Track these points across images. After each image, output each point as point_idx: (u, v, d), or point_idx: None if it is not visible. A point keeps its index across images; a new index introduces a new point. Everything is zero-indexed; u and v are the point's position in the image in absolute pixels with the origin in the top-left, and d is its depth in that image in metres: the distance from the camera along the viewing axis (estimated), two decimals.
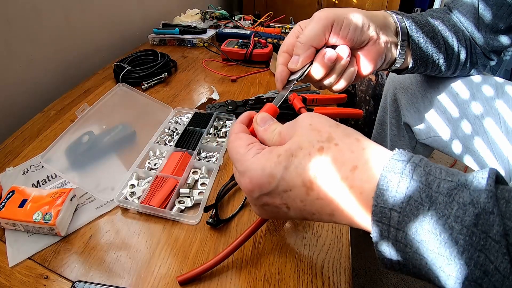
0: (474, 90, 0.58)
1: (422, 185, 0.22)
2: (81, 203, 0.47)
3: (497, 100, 0.56)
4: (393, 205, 0.22)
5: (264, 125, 0.32)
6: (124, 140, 0.56)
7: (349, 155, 0.25)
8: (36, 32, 0.75)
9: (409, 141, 0.78)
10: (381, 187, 0.23)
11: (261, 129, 0.32)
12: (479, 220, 0.19)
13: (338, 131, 0.27)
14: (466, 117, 0.59)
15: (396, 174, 0.23)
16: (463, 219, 0.20)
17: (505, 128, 0.54)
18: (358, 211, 0.24)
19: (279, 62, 0.42)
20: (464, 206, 0.20)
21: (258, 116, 0.33)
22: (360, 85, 1.25)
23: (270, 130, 0.31)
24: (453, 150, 0.63)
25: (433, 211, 0.21)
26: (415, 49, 0.48)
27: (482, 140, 0.57)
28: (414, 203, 0.21)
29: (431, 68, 0.53)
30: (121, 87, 0.57)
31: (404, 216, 0.22)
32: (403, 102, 0.70)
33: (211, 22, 1.20)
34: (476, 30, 0.53)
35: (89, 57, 0.93)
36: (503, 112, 0.54)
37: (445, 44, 0.52)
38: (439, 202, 0.21)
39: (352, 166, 0.24)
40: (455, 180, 0.21)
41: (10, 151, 0.58)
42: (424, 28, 0.49)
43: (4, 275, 0.38)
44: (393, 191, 0.22)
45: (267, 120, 0.32)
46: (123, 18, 1.07)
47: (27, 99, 0.75)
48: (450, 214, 0.20)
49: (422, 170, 0.22)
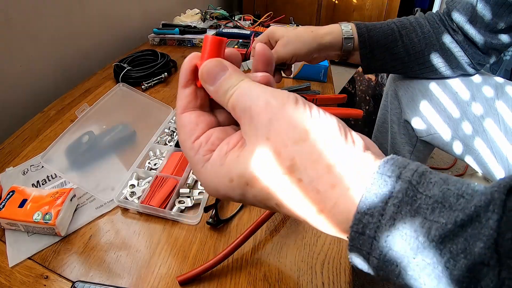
0: (474, 89, 0.58)
1: (407, 235, 0.17)
2: (81, 203, 0.47)
3: (497, 100, 0.56)
4: (371, 251, 0.19)
5: (214, 82, 0.23)
6: (124, 140, 0.56)
7: (314, 196, 0.20)
8: (36, 32, 0.75)
9: (410, 139, 0.78)
10: (354, 235, 0.19)
11: (212, 90, 0.23)
12: (471, 272, 0.16)
13: (304, 154, 0.20)
14: (466, 116, 0.59)
15: (374, 218, 0.18)
16: (452, 272, 0.17)
17: (504, 127, 0.54)
18: (333, 233, 0.21)
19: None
20: (456, 256, 0.16)
21: (203, 69, 0.23)
22: (360, 85, 1.25)
23: (222, 90, 0.23)
24: (453, 149, 0.63)
25: (420, 259, 0.17)
26: (363, 33, 0.58)
27: (482, 139, 0.57)
28: (396, 254, 0.18)
29: (392, 64, 0.60)
30: (121, 87, 0.57)
31: (384, 262, 0.18)
32: (404, 99, 0.70)
33: (211, 22, 1.20)
34: (472, 28, 0.54)
35: (89, 57, 0.93)
36: (502, 112, 0.55)
37: (405, 43, 0.59)
38: (428, 251, 0.17)
39: (318, 209, 0.20)
40: (451, 221, 0.17)
41: (10, 151, 0.58)
42: (379, 30, 0.59)
43: (4, 275, 0.38)
44: (369, 238, 0.18)
45: (216, 73, 0.23)
46: (123, 18, 1.07)
47: (27, 99, 0.75)
48: (439, 263, 0.17)
49: (409, 210, 0.18)
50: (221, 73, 0.23)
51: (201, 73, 0.23)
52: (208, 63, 0.23)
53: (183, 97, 0.25)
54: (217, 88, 0.23)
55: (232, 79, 0.23)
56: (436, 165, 1.42)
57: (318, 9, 2.16)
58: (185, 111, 0.24)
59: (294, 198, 0.20)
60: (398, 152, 0.81)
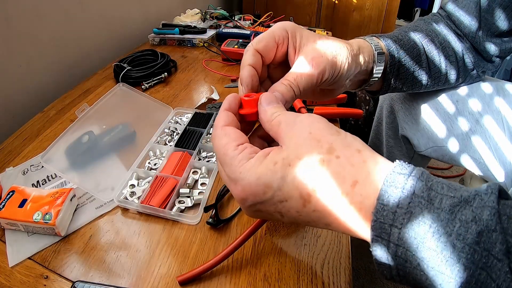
0: (473, 92, 0.58)
1: (424, 201, 0.21)
2: (81, 203, 0.47)
3: (497, 100, 0.55)
4: (394, 221, 0.22)
5: (268, 105, 0.29)
6: (124, 140, 0.56)
7: (350, 169, 0.24)
8: (36, 32, 0.75)
9: (407, 152, 0.77)
10: (381, 202, 0.22)
11: (264, 109, 0.29)
12: (482, 238, 0.19)
13: (339, 140, 0.25)
14: (466, 119, 0.58)
15: (397, 189, 0.22)
16: (465, 237, 0.19)
17: (508, 132, 0.54)
18: (357, 225, 0.24)
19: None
20: (467, 224, 0.20)
21: (266, 94, 0.30)
22: None
23: (270, 112, 0.29)
24: (452, 157, 0.62)
25: (435, 228, 0.20)
26: (393, 63, 0.46)
27: (482, 143, 0.57)
28: (415, 219, 0.21)
29: (411, 86, 0.51)
30: (121, 87, 0.57)
31: (404, 232, 0.21)
32: (401, 114, 0.68)
33: (211, 22, 1.20)
34: (476, 31, 0.52)
35: (89, 57, 0.93)
36: (503, 112, 0.54)
37: (429, 62, 0.50)
38: (441, 219, 0.20)
39: (352, 181, 0.23)
40: (458, 196, 0.21)
41: (10, 151, 0.58)
42: (405, 46, 0.48)
43: (4, 275, 0.38)
44: (393, 206, 0.22)
45: (271, 100, 0.30)
46: (123, 18, 1.07)
47: (27, 99, 0.75)
48: (452, 231, 0.20)
49: (424, 185, 0.22)
50: (275, 101, 0.30)
51: (263, 96, 0.30)
52: (267, 95, 0.31)
53: (226, 116, 0.30)
54: (269, 108, 0.29)
55: (280, 108, 0.29)
56: (436, 165, 1.42)
57: (318, 9, 2.16)
58: (228, 125, 0.29)
59: (333, 174, 0.24)
60: None
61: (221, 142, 0.27)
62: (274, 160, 0.25)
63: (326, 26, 2.13)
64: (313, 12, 2.18)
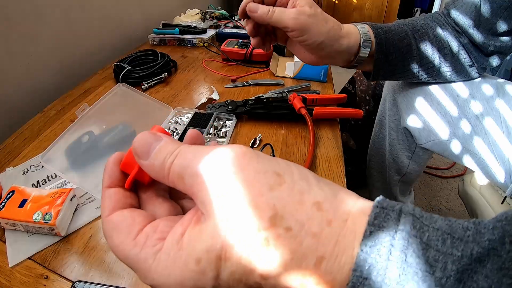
0: (474, 90, 0.58)
1: (421, 272, 0.15)
2: (81, 203, 0.47)
3: (498, 100, 0.55)
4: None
5: (149, 155, 0.20)
6: (124, 140, 0.56)
7: (309, 241, 0.16)
8: (36, 32, 0.75)
9: (409, 145, 0.77)
10: (358, 275, 0.16)
11: (147, 164, 0.20)
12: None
13: (284, 197, 0.17)
14: (467, 119, 0.58)
15: (381, 257, 0.16)
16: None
17: (506, 128, 0.54)
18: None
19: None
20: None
21: (135, 142, 0.20)
22: (360, 85, 1.25)
23: (159, 161, 0.19)
24: (453, 153, 0.63)
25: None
26: (380, 35, 0.51)
27: (482, 141, 0.57)
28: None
29: (402, 74, 0.55)
30: (121, 87, 0.57)
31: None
32: (403, 106, 0.69)
33: (211, 22, 1.20)
34: (476, 30, 0.53)
35: (89, 57, 0.93)
36: (503, 112, 0.54)
37: (420, 53, 0.54)
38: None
39: (316, 258, 0.16)
40: (467, 254, 0.15)
41: (10, 151, 0.58)
42: (395, 36, 0.53)
43: (4, 275, 0.38)
44: (377, 282, 0.16)
45: (150, 144, 0.20)
46: (123, 18, 1.07)
47: (27, 99, 0.75)
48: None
49: (419, 244, 0.16)
50: (155, 143, 0.20)
51: (134, 148, 0.20)
52: (140, 135, 0.20)
53: (108, 197, 0.21)
54: (152, 161, 0.19)
55: (168, 146, 0.19)
56: (436, 165, 1.42)
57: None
58: (113, 212, 0.20)
59: (287, 255, 0.16)
60: (397, 158, 0.81)
61: (112, 242, 0.19)
62: (195, 255, 0.17)
63: None
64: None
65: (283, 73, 0.86)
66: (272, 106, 0.65)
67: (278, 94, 0.73)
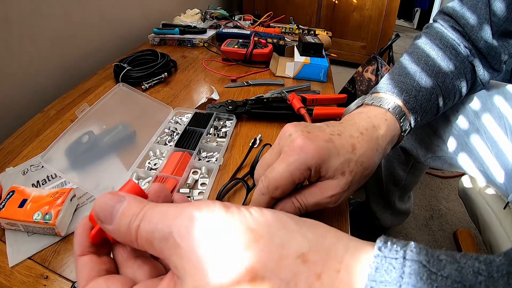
0: (474, 94, 0.57)
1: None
2: (81, 203, 0.47)
3: (499, 103, 0.55)
4: None
5: (112, 219, 0.18)
6: (124, 140, 0.56)
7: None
8: (36, 32, 0.75)
9: (405, 160, 0.76)
10: None
11: (112, 229, 0.19)
12: None
13: (263, 254, 0.16)
14: (466, 120, 0.58)
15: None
16: None
17: (508, 132, 0.53)
18: None
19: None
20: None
21: (95, 207, 0.19)
22: (360, 85, 1.25)
23: (124, 225, 0.18)
24: (453, 165, 0.62)
25: None
26: (415, 106, 0.45)
27: (482, 142, 0.57)
28: None
29: (431, 117, 0.49)
30: (121, 87, 0.57)
31: None
32: None
33: (211, 22, 1.20)
34: (486, 31, 0.48)
35: (89, 57, 0.93)
36: (505, 115, 0.54)
37: (445, 101, 0.48)
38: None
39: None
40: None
41: (10, 151, 0.58)
42: (423, 106, 0.45)
43: (4, 275, 0.38)
44: None
45: (112, 207, 0.19)
46: (123, 18, 1.07)
47: (27, 99, 0.75)
48: None
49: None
50: (118, 205, 0.18)
51: (95, 212, 0.19)
52: (100, 197, 0.19)
53: (82, 266, 0.19)
54: (118, 226, 0.18)
55: (132, 208, 0.18)
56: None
57: (318, 9, 2.16)
58: (89, 281, 0.19)
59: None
60: (393, 171, 0.79)
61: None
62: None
63: (326, 26, 2.13)
64: (313, 12, 2.18)
65: (283, 73, 0.86)
66: (272, 106, 0.65)
67: (278, 94, 0.73)
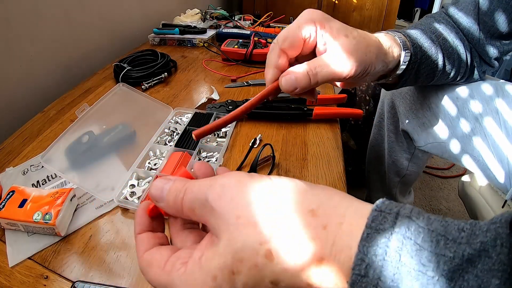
0: (473, 92, 0.58)
1: (415, 271, 0.16)
2: (81, 203, 0.47)
3: (497, 100, 0.55)
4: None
5: (163, 197, 0.23)
6: (124, 140, 0.56)
7: (308, 245, 0.19)
8: (36, 32, 0.75)
9: (408, 147, 0.77)
10: (356, 279, 0.17)
11: (164, 205, 0.23)
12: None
13: (280, 214, 0.19)
14: (466, 119, 0.58)
15: (377, 257, 0.17)
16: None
17: (505, 129, 0.54)
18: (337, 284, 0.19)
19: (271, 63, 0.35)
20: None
21: (151, 189, 0.24)
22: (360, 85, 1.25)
23: (172, 200, 0.22)
24: (452, 154, 0.62)
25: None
26: (415, 48, 0.46)
27: (481, 142, 0.57)
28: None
29: (423, 82, 0.51)
30: (121, 87, 0.57)
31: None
32: (401, 108, 0.69)
33: (211, 22, 1.20)
34: (477, 31, 0.52)
35: (89, 57, 0.93)
36: (503, 113, 0.54)
37: (448, 45, 0.50)
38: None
39: (317, 260, 0.18)
40: (458, 255, 0.16)
41: (10, 151, 0.58)
42: (426, 49, 0.47)
43: (4, 275, 0.38)
44: (374, 279, 0.17)
45: (162, 187, 0.23)
46: (123, 18, 1.07)
47: (27, 99, 0.75)
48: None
49: (413, 245, 0.17)
50: (166, 185, 0.23)
51: (150, 194, 0.24)
52: (154, 182, 0.24)
53: (140, 241, 0.24)
54: (167, 201, 0.23)
55: (177, 186, 0.23)
56: (436, 165, 1.42)
57: (318, 9, 2.16)
58: (145, 252, 0.23)
59: (289, 261, 0.19)
60: (396, 159, 0.81)
61: (149, 275, 0.22)
62: (211, 273, 0.20)
63: None
64: None
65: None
66: (272, 106, 0.65)
67: None
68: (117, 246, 0.41)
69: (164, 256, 0.22)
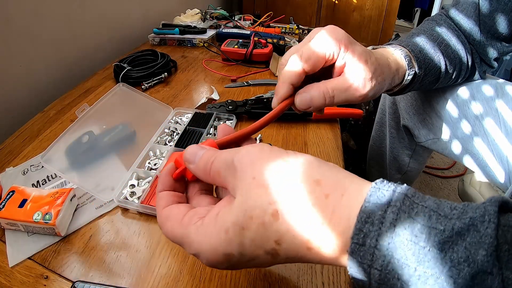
0: (474, 90, 0.58)
1: (408, 241, 0.18)
2: (81, 203, 0.47)
3: (497, 99, 0.56)
4: (372, 262, 0.19)
5: (195, 160, 0.26)
6: (124, 140, 0.56)
7: (311, 210, 0.21)
8: (36, 32, 0.75)
9: (409, 143, 0.77)
10: (354, 247, 0.19)
11: (194, 167, 0.26)
12: (475, 281, 0.16)
13: (289, 180, 0.22)
14: (466, 118, 0.58)
15: (374, 226, 0.19)
16: (457, 281, 0.17)
17: (504, 128, 0.54)
18: (333, 257, 0.21)
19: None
20: (459, 265, 0.17)
21: (187, 152, 0.27)
22: None
23: (203, 163, 0.26)
24: (453, 152, 0.63)
25: (421, 271, 0.18)
26: (419, 57, 0.46)
27: (482, 141, 0.57)
28: (397, 263, 0.18)
29: (434, 79, 0.51)
30: (121, 87, 0.57)
31: (385, 277, 0.19)
32: (402, 104, 0.69)
33: (211, 22, 1.20)
34: (477, 33, 0.52)
35: (89, 57, 0.93)
36: (503, 112, 0.54)
37: (451, 51, 0.51)
38: (428, 259, 0.17)
39: (317, 223, 0.20)
40: (448, 228, 0.18)
41: (10, 151, 0.58)
42: (428, 62, 0.47)
43: (4, 275, 0.38)
44: (370, 248, 0.19)
45: (195, 152, 0.27)
46: (123, 18, 1.07)
47: (27, 99, 0.75)
48: (441, 273, 0.17)
49: (407, 218, 0.19)
50: (199, 151, 0.26)
51: (184, 155, 0.27)
52: (189, 147, 0.27)
53: (161, 198, 0.27)
54: (198, 164, 0.26)
55: (209, 153, 0.26)
56: (436, 165, 1.42)
57: (318, 9, 2.16)
58: (164, 207, 0.26)
59: (293, 222, 0.21)
60: (397, 156, 0.81)
61: (167, 227, 0.25)
62: (224, 226, 0.22)
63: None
64: (313, 12, 2.18)
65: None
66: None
67: None
68: (117, 246, 0.41)
69: (182, 211, 0.25)
